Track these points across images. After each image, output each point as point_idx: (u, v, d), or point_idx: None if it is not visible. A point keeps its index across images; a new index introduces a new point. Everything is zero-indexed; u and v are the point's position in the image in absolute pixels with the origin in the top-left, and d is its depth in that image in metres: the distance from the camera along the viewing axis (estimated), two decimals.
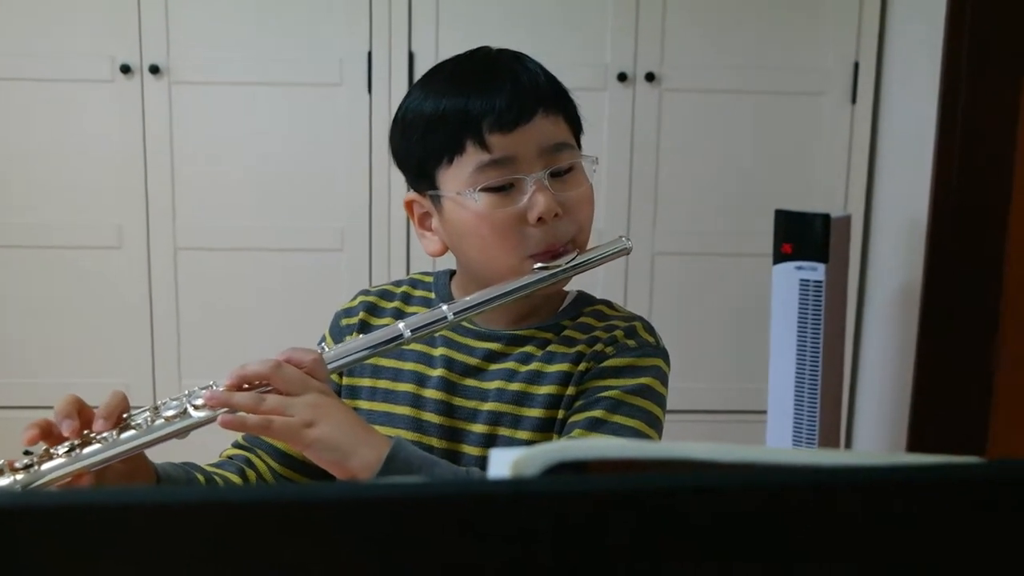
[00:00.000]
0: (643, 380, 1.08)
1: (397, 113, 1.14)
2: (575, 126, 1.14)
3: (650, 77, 2.50)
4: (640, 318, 1.17)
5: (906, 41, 2.45)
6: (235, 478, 1.13)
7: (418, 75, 2.42)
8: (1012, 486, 0.45)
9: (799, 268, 2.18)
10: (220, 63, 2.48)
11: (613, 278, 2.55)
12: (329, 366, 1.01)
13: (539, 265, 1.07)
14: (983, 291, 2.22)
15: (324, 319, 1.26)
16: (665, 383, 1.12)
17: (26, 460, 0.91)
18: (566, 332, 1.13)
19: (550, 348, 1.12)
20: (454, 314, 1.05)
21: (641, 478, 0.43)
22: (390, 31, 2.47)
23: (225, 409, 0.94)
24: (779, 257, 2.21)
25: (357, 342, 1.05)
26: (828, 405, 2.24)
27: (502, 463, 0.43)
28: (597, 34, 2.50)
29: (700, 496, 0.43)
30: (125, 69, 2.45)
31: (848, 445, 2.63)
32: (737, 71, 2.53)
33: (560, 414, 1.09)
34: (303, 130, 2.52)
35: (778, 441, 2.27)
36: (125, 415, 0.95)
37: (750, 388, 2.57)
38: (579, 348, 1.11)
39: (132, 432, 0.94)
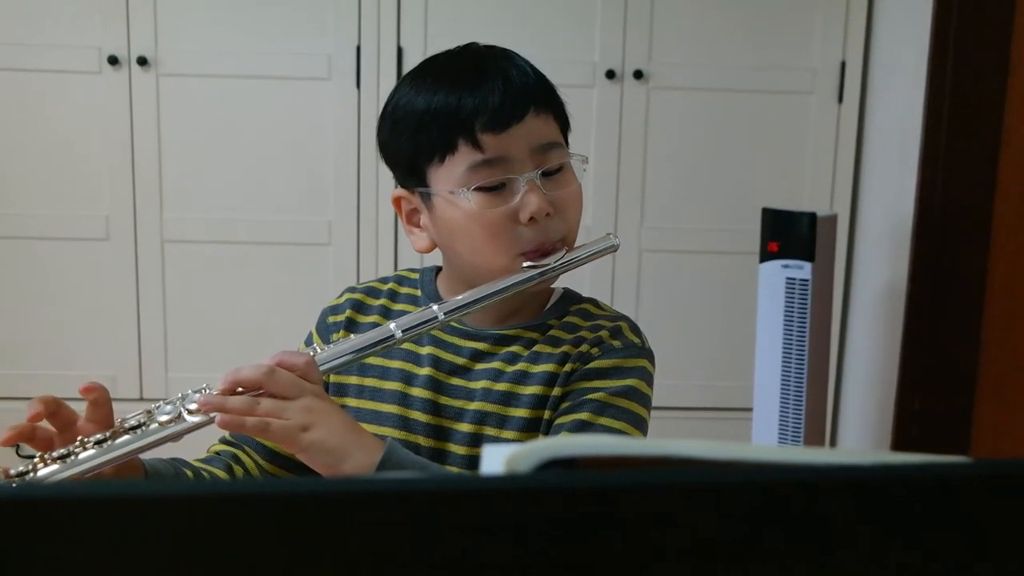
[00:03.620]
0: (628, 382, 1.09)
1: (385, 108, 1.14)
2: (564, 124, 1.14)
3: (638, 75, 2.50)
4: (626, 318, 1.17)
5: (893, 41, 2.46)
6: (222, 474, 1.13)
7: (406, 70, 2.43)
8: (997, 485, 0.46)
9: (785, 266, 2.19)
10: (208, 56, 2.47)
11: (600, 275, 2.56)
12: (321, 368, 1.01)
13: (528, 264, 1.08)
14: (967, 290, 2.23)
15: (311, 312, 1.26)
16: (650, 384, 1.13)
17: (21, 467, 0.92)
18: (552, 332, 1.14)
19: (536, 348, 1.12)
20: (445, 314, 1.06)
21: (632, 475, 0.44)
22: (379, 26, 2.47)
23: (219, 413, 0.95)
24: (765, 255, 2.22)
25: (348, 343, 1.05)
26: (813, 403, 2.25)
27: (495, 459, 0.44)
28: (585, 31, 2.51)
29: (690, 493, 0.44)
30: (113, 61, 2.44)
31: (833, 443, 2.65)
32: (725, 70, 2.54)
33: (546, 414, 1.10)
34: (291, 124, 2.52)
35: (763, 438, 2.28)
36: (120, 420, 0.96)
37: (736, 386, 2.58)
38: (565, 348, 1.11)
39: (127, 437, 0.95)
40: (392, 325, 1.05)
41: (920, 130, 2.24)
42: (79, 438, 0.94)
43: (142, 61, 2.44)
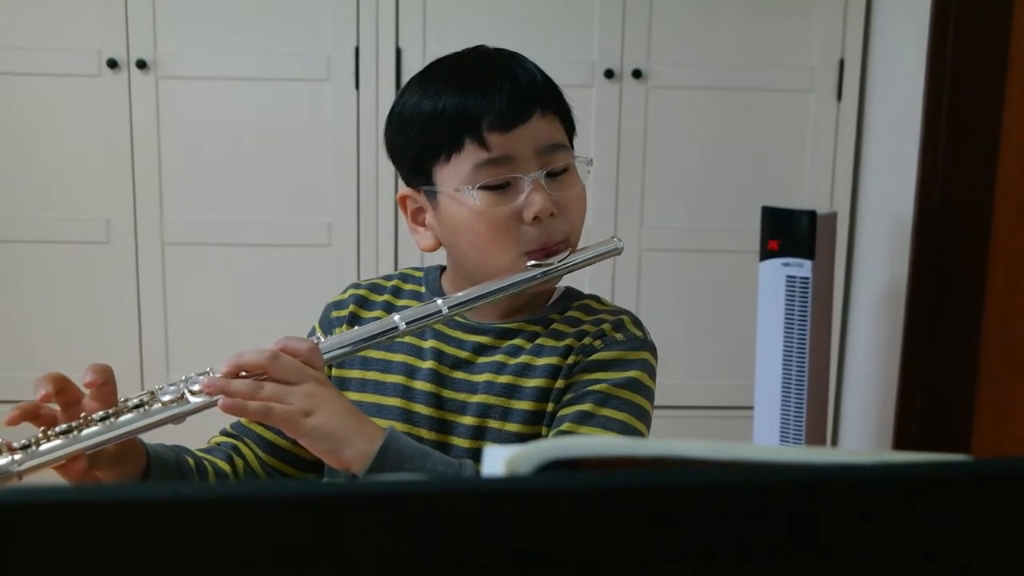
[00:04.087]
0: (631, 373, 1.10)
1: (393, 109, 1.15)
2: (569, 127, 1.16)
3: (637, 74, 2.50)
4: (627, 312, 1.18)
5: (892, 39, 2.46)
6: (223, 464, 1.15)
7: (406, 71, 2.44)
8: (997, 485, 0.46)
9: (786, 265, 2.19)
10: (207, 58, 2.47)
11: (601, 275, 2.55)
12: (324, 355, 1.02)
13: (532, 263, 1.09)
14: (968, 287, 2.23)
15: (311, 314, 1.26)
16: (653, 376, 1.14)
17: (24, 440, 0.92)
18: (555, 326, 1.15)
19: (539, 341, 1.13)
20: (448, 308, 1.07)
21: (633, 475, 0.44)
22: (377, 27, 2.47)
23: (222, 396, 0.95)
24: (766, 254, 2.22)
25: (352, 333, 1.06)
26: (814, 401, 2.25)
27: (496, 461, 0.44)
28: (584, 31, 2.50)
29: (690, 493, 0.44)
30: (112, 64, 2.44)
31: (834, 442, 2.65)
32: (723, 68, 2.54)
33: (549, 407, 1.10)
34: (291, 126, 2.52)
35: (765, 437, 2.28)
36: (124, 399, 0.96)
37: (737, 384, 2.58)
38: (568, 342, 1.12)
39: (130, 416, 0.95)
40: (396, 317, 1.06)
41: (919, 127, 2.24)
42: (82, 415, 0.95)
43: (141, 64, 2.44)
